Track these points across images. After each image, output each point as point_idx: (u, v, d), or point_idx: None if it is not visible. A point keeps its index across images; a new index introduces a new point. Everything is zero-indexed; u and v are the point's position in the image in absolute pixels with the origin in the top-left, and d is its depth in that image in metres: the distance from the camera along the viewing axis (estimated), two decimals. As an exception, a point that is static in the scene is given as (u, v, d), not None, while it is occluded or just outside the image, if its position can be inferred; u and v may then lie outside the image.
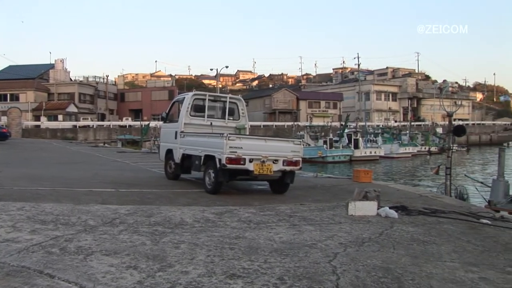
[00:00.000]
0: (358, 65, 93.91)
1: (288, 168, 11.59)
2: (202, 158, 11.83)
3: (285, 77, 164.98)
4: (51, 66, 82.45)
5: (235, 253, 5.55)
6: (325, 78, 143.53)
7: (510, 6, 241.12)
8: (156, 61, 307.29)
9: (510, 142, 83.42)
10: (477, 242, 6.95)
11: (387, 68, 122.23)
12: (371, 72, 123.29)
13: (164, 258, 5.16)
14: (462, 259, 5.88)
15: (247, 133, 14.41)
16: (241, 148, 10.89)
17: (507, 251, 6.55)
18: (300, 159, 11.86)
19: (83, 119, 68.80)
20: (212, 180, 11.33)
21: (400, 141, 62.94)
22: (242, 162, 10.85)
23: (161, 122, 17.59)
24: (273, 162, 11.26)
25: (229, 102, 14.43)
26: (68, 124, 62.52)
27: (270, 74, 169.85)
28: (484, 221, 8.84)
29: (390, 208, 8.95)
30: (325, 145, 50.67)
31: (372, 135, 61.76)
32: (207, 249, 5.67)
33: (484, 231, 7.91)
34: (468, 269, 5.37)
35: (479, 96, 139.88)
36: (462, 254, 6.17)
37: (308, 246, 6.08)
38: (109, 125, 66.08)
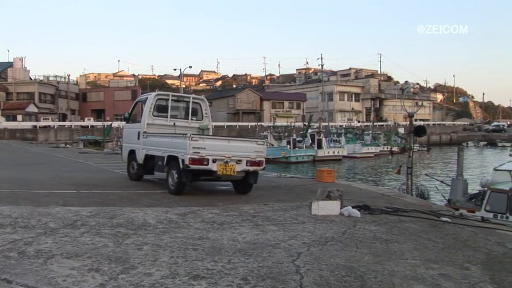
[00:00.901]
0: (322, 65, 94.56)
1: (251, 168, 11.60)
2: (165, 158, 11.73)
3: (248, 77, 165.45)
4: (10, 64, 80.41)
5: (198, 254, 5.52)
6: (289, 79, 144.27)
7: (472, 9, 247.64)
8: (119, 61, 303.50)
9: (469, 142, 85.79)
10: (437, 240, 7.11)
11: (350, 69, 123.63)
12: (334, 73, 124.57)
13: (127, 260, 5.09)
14: (423, 256, 6.00)
15: (211, 134, 14.35)
16: (204, 148, 10.86)
17: (466, 247, 6.72)
18: (263, 159, 11.89)
19: (43, 119, 67.12)
20: (175, 181, 11.25)
21: (363, 141, 63.75)
22: (205, 163, 10.81)
23: (123, 123, 17.38)
24: (237, 163, 11.26)
25: (192, 102, 14.34)
26: (28, 125, 60.99)
27: (233, 75, 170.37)
28: (444, 219, 9.05)
29: (353, 207, 9.04)
30: (288, 145, 50.97)
31: (335, 135, 62.54)
32: (170, 250, 5.62)
33: (444, 229, 8.10)
34: (428, 266, 5.48)
35: (439, 97, 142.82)
36: (423, 251, 6.29)
37: (271, 246, 6.10)
38: (71, 125, 64.87)
